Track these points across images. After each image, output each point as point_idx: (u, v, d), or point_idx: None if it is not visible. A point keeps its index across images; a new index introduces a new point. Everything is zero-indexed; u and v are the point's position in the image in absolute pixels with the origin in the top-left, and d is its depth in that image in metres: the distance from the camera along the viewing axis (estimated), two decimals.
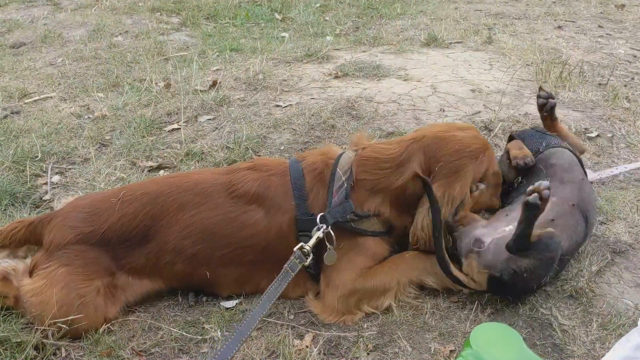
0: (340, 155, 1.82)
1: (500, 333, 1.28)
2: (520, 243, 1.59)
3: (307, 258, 1.66)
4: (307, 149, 2.63)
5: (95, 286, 1.69)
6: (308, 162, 1.82)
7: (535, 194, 1.54)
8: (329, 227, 1.69)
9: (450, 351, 1.59)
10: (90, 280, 1.69)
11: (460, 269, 1.74)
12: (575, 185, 1.86)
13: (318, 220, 1.70)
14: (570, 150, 2.02)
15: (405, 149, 1.79)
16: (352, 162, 1.79)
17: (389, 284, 1.74)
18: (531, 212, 1.55)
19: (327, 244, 1.71)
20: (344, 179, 1.74)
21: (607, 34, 4.51)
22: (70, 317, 1.62)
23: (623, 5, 5.30)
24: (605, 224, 2.11)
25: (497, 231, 1.73)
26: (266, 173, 1.80)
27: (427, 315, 1.73)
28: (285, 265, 1.64)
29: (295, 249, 1.67)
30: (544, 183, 1.55)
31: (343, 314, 1.73)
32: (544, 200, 1.54)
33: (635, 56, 3.99)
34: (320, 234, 1.68)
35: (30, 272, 1.73)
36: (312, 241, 1.67)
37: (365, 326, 1.71)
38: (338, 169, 1.76)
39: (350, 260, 1.75)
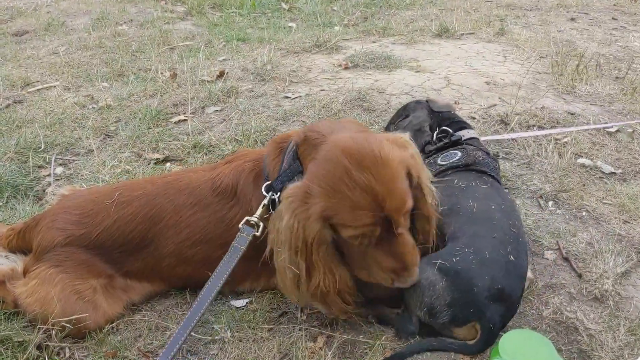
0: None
1: (531, 341, 1.21)
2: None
3: (257, 228, 1.54)
4: None
5: (90, 284, 1.62)
6: (274, 140, 1.70)
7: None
8: (278, 193, 1.54)
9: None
10: (83, 279, 1.61)
11: None
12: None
13: (263, 190, 1.57)
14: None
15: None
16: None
17: None
18: None
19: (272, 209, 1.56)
20: (293, 142, 1.59)
21: (621, 26, 4.41)
22: (74, 317, 1.54)
23: None
24: (629, 222, 2.03)
25: None
26: (242, 160, 1.70)
27: None
28: (233, 242, 1.53)
29: (240, 224, 1.56)
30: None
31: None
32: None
33: None
34: (265, 201, 1.56)
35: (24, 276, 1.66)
36: (259, 211, 1.56)
37: (381, 329, 1.63)
38: (293, 140, 1.61)
39: None
